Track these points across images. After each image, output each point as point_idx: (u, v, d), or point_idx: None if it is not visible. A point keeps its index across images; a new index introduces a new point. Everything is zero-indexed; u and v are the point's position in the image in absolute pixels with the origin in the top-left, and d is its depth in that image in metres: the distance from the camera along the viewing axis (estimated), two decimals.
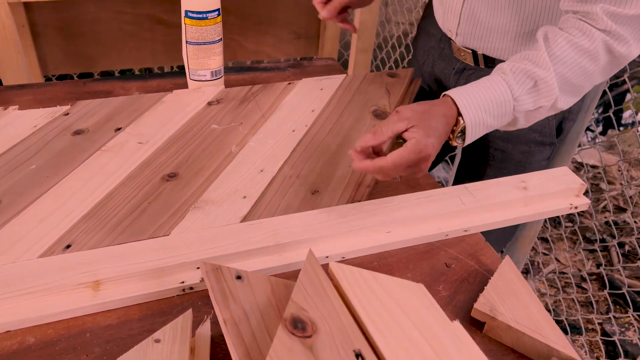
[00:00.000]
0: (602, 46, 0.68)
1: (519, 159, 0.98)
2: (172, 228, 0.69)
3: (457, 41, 0.94)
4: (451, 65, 1.00)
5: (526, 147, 0.97)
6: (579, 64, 0.69)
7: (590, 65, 0.70)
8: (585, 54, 0.69)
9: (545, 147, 0.97)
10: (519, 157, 0.98)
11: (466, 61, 0.96)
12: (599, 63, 0.70)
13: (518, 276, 0.64)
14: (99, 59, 1.49)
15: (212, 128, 0.90)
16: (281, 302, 0.53)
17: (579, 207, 0.79)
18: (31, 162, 0.79)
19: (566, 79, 0.70)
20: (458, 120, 0.69)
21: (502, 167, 1.00)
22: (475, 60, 0.94)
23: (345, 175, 0.81)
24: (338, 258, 0.67)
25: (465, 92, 0.70)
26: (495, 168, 1.00)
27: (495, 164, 1.00)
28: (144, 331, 0.57)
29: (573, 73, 0.70)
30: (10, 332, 0.56)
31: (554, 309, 1.70)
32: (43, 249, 0.64)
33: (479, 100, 0.69)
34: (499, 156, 0.99)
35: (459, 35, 0.93)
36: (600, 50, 0.69)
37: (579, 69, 0.70)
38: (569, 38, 0.69)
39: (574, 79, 0.70)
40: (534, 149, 0.97)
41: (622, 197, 2.08)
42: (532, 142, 0.96)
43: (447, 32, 0.96)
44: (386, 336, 0.48)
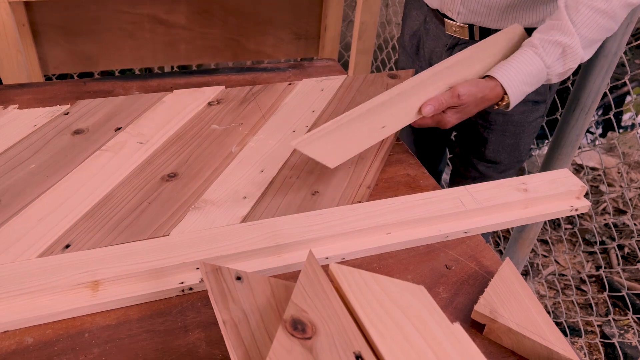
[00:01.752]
0: (618, 5, 0.78)
1: (517, 119, 1.06)
2: (171, 228, 0.69)
3: (458, 19, 0.98)
4: (442, 43, 1.05)
5: (525, 106, 1.04)
6: (599, 24, 0.80)
7: (609, 22, 0.80)
8: (604, 15, 0.79)
9: (540, 105, 1.06)
10: (517, 117, 1.06)
11: (461, 36, 1.00)
12: (616, 18, 0.80)
13: (518, 278, 0.63)
14: (99, 59, 1.49)
15: (212, 128, 0.90)
16: (281, 304, 0.53)
17: (579, 209, 0.79)
18: (31, 161, 0.79)
19: (588, 38, 0.81)
20: (503, 98, 0.84)
21: (504, 129, 1.08)
22: (471, 34, 0.99)
23: (346, 176, 0.80)
24: (338, 259, 0.67)
25: (508, 72, 0.82)
26: (497, 132, 1.09)
27: (497, 128, 1.08)
28: (143, 332, 0.57)
29: (594, 32, 0.80)
30: (9, 332, 0.56)
31: (553, 311, 1.70)
32: (42, 249, 0.64)
33: (520, 76, 0.82)
34: (500, 119, 1.07)
35: (460, 14, 0.97)
36: (617, 8, 0.79)
37: (599, 28, 0.80)
38: (587, 3, 0.79)
39: (595, 36, 0.81)
40: (531, 107, 1.05)
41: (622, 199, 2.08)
42: (530, 102, 1.04)
43: (447, 12, 0.99)
44: (386, 338, 0.48)
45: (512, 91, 0.83)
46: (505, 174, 1.17)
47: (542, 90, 1.03)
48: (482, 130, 1.10)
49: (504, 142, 1.10)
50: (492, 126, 1.09)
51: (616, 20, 0.80)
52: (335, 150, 0.73)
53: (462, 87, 0.81)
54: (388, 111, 0.77)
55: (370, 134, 0.77)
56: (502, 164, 1.14)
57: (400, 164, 0.87)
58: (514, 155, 1.13)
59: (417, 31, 1.10)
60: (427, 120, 0.83)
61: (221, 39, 1.56)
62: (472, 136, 1.13)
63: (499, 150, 1.11)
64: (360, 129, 0.75)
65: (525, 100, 1.02)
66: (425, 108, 0.80)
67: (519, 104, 1.02)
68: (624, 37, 1.09)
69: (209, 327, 0.58)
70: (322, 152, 0.70)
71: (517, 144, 1.10)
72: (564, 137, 1.24)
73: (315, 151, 0.69)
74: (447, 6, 0.98)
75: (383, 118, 0.77)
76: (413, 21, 1.11)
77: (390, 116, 0.78)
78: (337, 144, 0.72)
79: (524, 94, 0.84)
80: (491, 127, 1.09)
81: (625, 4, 0.79)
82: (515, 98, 0.84)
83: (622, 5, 0.79)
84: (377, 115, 0.76)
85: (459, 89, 0.80)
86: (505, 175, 1.17)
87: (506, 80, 0.82)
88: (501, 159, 1.13)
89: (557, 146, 1.26)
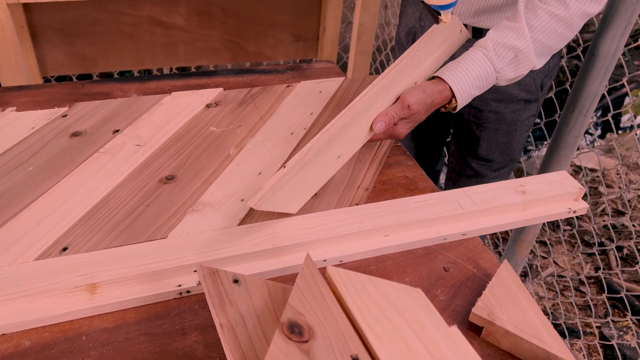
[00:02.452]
0: (577, 13, 0.78)
1: (510, 118, 1.07)
2: (169, 231, 0.69)
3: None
4: None
5: (517, 105, 1.05)
6: (556, 30, 0.80)
7: (566, 31, 0.80)
8: (562, 22, 0.79)
9: (532, 104, 1.07)
10: (510, 116, 1.07)
11: None
12: (573, 27, 0.80)
13: (516, 280, 0.63)
14: (97, 61, 1.49)
15: (210, 130, 0.90)
16: (278, 307, 0.53)
17: (577, 211, 0.79)
18: (29, 163, 0.79)
19: (543, 44, 0.81)
20: (451, 101, 0.83)
21: (497, 127, 1.09)
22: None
23: (343, 178, 0.80)
24: (336, 262, 0.67)
25: (456, 75, 0.81)
26: (490, 130, 1.10)
27: (490, 126, 1.09)
28: (140, 334, 0.57)
29: (550, 39, 0.80)
30: (6, 335, 0.56)
31: (552, 313, 1.70)
32: (40, 252, 0.64)
33: (468, 79, 0.81)
34: (493, 118, 1.08)
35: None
36: (575, 17, 0.79)
37: (556, 35, 0.80)
38: (546, 8, 0.79)
39: (550, 43, 0.81)
40: (523, 106, 1.06)
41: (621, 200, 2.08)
42: (522, 101, 1.05)
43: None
44: (383, 341, 0.48)
45: (460, 95, 0.82)
46: (499, 172, 1.18)
47: (533, 90, 1.03)
48: (475, 129, 1.11)
49: (496, 141, 1.11)
50: (485, 124, 1.09)
51: (572, 29, 0.80)
52: (295, 196, 0.70)
53: (411, 96, 0.79)
54: (341, 140, 0.74)
55: (326, 168, 0.75)
56: (496, 162, 1.15)
57: (399, 166, 0.87)
58: (506, 153, 1.14)
59: (413, 28, 1.11)
60: (380, 136, 0.80)
61: (220, 41, 1.56)
62: (466, 134, 1.14)
63: (491, 148, 1.12)
64: (316, 167, 0.72)
65: (517, 99, 1.04)
66: (376, 125, 0.77)
67: (511, 101, 1.05)
68: (622, 39, 1.09)
69: (206, 330, 0.58)
70: (282, 203, 0.68)
71: (509, 143, 1.11)
72: (562, 138, 1.24)
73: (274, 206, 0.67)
74: None
75: (337, 148, 0.74)
76: (408, 18, 1.12)
77: (344, 144, 0.75)
78: (295, 190, 0.70)
79: (472, 97, 0.84)
80: (484, 126, 1.09)
81: (583, 13, 0.79)
82: (463, 102, 0.83)
83: (580, 14, 0.79)
84: (330, 148, 0.73)
85: (408, 100, 0.78)
86: (500, 174, 1.18)
87: (455, 84, 0.81)
88: (494, 157, 1.14)
89: (556, 148, 1.26)
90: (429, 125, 1.26)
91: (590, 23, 2.04)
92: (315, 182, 0.74)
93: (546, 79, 1.05)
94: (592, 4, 0.78)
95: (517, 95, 1.04)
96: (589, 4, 0.78)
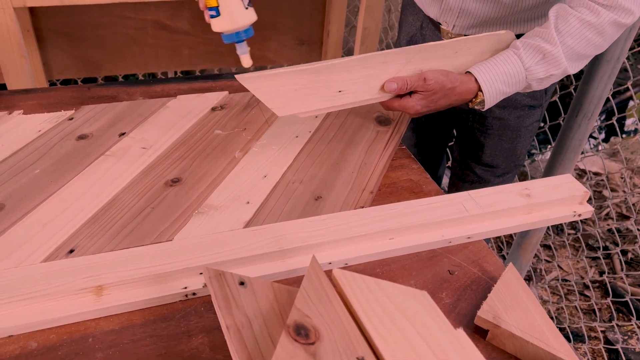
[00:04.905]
0: (607, 21, 0.78)
1: (514, 124, 1.07)
2: (175, 233, 0.69)
3: (454, 31, 0.99)
4: None
5: (521, 111, 1.05)
6: (586, 36, 0.80)
7: (596, 37, 0.80)
8: (592, 28, 0.79)
9: (536, 109, 1.06)
10: (514, 122, 1.07)
11: None
12: (604, 35, 0.80)
13: (521, 284, 0.63)
14: (103, 64, 1.49)
15: (215, 133, 0.90)
16: (284, 309, 0.53)
17: (582, 214, 0.79)
18: (35, 166, 0.79)
19: (574, 50, 0.81)
20: (478, 94, 0.83)
21: (501, 133, 1.09)
22: None
23: (349, 181, 0.81)
24: (341, 264, 0.67)
25: (485, 69, 0.82)
26: (494, 136, 1.10)
27: (494, 132, 1.09)
28: (146, 336, 0.57)
29: (580, 45, 0.81)
30: (13, 337, 0.56)
31: (557, 317, 1.70)
32: (46, 254, 0.64)
33: (496, 73, 0.81)
34: (497, 124, 1.08)
35: (456, 27, 0.98)
36: (606, 25, 0.79)
37: (586, 41, 0.80)
38: (577, 15, 0.79)
39: (581, 49, 0.81)
40: (527, 112, 1.06)
41: (625, 204, 2.08)
42: (526, 107, 1.04)
43: (442, 23, 1.00)
44: (389, 344, 0.48)
45: (487, 87, 0.82)
46: (503, 178, 1.17)
47: (537, 95, 1.03)
48: (479, 135, 1.11)
49: (500, 147, 1.11)
50: (489, 130, 1.09)
51: (604, 36, 0.80)
52: (285, 98, 0.68)
53: (431, 72, 0.80)
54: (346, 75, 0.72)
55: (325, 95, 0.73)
56: (500, 168, 1.15)
57: (403, 169, 0.87)
58: (511, 159, 1.13)
59: (414, 36, 1.11)
60: (393, 104, 0.81)
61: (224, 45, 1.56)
62: (470, 140, 1.14)
63: (496, 154, 1.12)
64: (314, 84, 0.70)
65: (521, 104, 1.04)
66: (389, 84, 0.77)
67: (515, 107, 1.04)
68: (626, 43, 1.10)
69: (212, 332, 0.58)
70: (271, 96, 0.65)
71: (513, 148, 1.11)
72: (566, 142, 1.24)
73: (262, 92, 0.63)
74: (443, 18, 0.98)
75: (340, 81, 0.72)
76: (409, 27, 1.12)
77: (349, 82, 0.73)
78: (288, 92, 0.67)
79: (500, 93, 0.83)
80: (488, 132, 1.09)
81: (614, 22, 0.79)
82: (491, 96, 0.83)
83: (611, 22, 0.79)
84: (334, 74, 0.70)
85: (427, 74, 0.79)
86: (504, 180, 1.18)
87: (481, 75, 0.82)
88: (498, 163, 1.14)
89: (560, 151, 1.26)
90: (432, 129, 1.26)
91: None
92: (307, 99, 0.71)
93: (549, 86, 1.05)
94: (624, 14, 0.78)
95: (522, 101, 1.03)
96: (620, 14, 0.78)
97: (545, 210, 0.78)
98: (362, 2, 1.48)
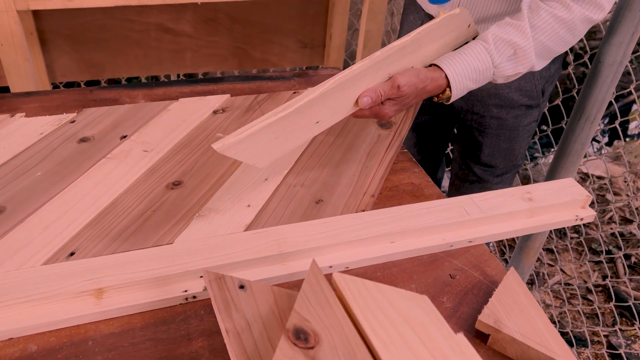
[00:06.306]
0: (579, 17, 0.79)
1: (512, 123, 1.07)
2: (175, 236, 0.69)
3: None
4: None
5: (518, 111, 1.05)
6: (557, 33, 0.80)
7: (567, 34, 0.80)
8: (563, 25, 0.79)
9: (533, 109, 1.07)
10: (511, 121, 1.07)
11: None
12: (575, 32, 0.81)
13: (523, 288, 0.63)
14: (105, 67, 1.50)
15: (217, 136, 0.90)
16: (284, 313, 0.53)
17: (584, 218, 0.78)
18: (37, 169, 0.80)
19: (544, 45, 0.81)
20: (445, 90, 0.82)
21: (499, 133, 1.09)
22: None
23: (349, 184, 0.80)
24: (341, 268, 0.67)
25: (454, 64, 0.80)
26: (492, 136, 1.10)
27: (492, 132, 1.09)
28: (146, 340, 0.57)
29: (551, 40, 0.81)
30: (13, 340, 0.56)
31: (559, 321, 1.69)
32: (47, 256, 0.64)
33: (465, 70, 0.80)
34: (495, 124, 1.08)
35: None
36: (577, 21, 0.79)
37: (557, 37, 0.80)
38: (549, 10, 0.79)
39: (551, 45, 0.81)
40: (524, 112, 1.06)
41: (628, 208, 2.07)
42: (523, 106, 1.05)
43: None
44: (389, 348, 0.48)
45: (455, 85, 0.81)
46: (502, 178, 1.18)
47: (535, 95, 1.03)
48: (477, 135, 1.11)
49: (498, 146, 1.11)
50: (487, 130, 1.09)
51: (574, 33, 0.80)
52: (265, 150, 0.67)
53: (403, 77, 0.78)
54: (323, 105, 0.71)
55: (303, 130, 0.72)
56: (498, 167, 1.15)
57: (405, 173, 0.87)
58: (509, 159, 1.14)
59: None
60: (365, 112, 0.80)
61: (227, 48, 1.57)
62: (468, 140, 1.14)
63: (494, 154, 1.12)
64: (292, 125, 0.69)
65: (518, 104, 1.04)
66: (362, 99, 0.76)
67: (512, 107, 1.05)
68: (629, 46, 1.09)
69: (212, 335, 0.58)
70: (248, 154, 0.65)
71: (511, 148, 1.11)
72: (569, 145, 1.24)
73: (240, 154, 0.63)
74: None
75: (317, 113, 0.72)
76: (410, 25, 1.12)
77: (326, 110, 0.73)
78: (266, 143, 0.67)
79: (467, 89, 0.83)
80: (486, 132, 1.10)
81: (585, 18, 0.79)
82: (457, 92, 0.82)
83: (583, 18, 0.79)
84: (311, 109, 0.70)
85: (399, 80, 0.77)
86: (502, 179, 1.18)
87: (451, 73, 0.80)
88: (496, 163, 1.14)
89: (563, 155, 1.26)
90: (432, 129, 1.26)
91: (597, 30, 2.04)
92: (286, 141, 0.71)
93: (547, 85, 1.05)
94: (595, 10, 0.79)
95: (519, 101, 1.04)
96: (591, 10, 0.79)
97: (547, 214, 0.78)
98: (364, 5, 1.48)
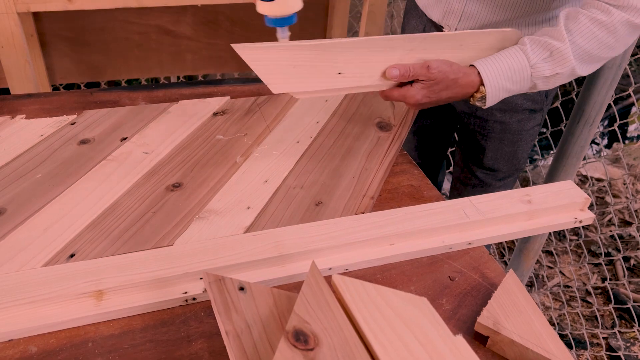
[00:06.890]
0: (619, 20, 0.76)
1: (515, 127, 1.07)
2: (175, 238, 0.69)
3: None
4: None
5: (522, 115, 1.05)
6: (596, 36, 0.77)
7: (608, 37, 0.78)
8: (602, 27, 0.77)
9: (537, 113, 1.06)
10: (515, 125, 1.06)
11: None
12: (616, 35, 0.78)
13: (522, 290, 0.63)
14: (106, 69, 1.50)
15: (217, 138, 0.90)
16: (283, 314, 0.53)
17: (583, 221, 0.78)
18: (37, 170, 0.80)
19: (584, 49, 0.78)
20: (479, 89, 0.80)
21: (502, 137, 1.09)
22: None
23: (349, 186, 0.81)
24: (341, 270, 0.67)
25: (488, 63, 0.80)
26: (495, 140, 1.09)
27: (495, 136, 1.09)
28: (146, 341, 0.57)
29: (590, 44, 0.78)
30: (13, 341, 0.56)
31: (559, 323, 1.69)
32: (47, 258, 0.64)
33: (500, 68, 0.79)
34: (498, 127, 1.07)
35: (458, 30, 0.98)
36: (618, 24, 0.76)
37: (596, 40, 0.78)
38: (587, 14, 0.78)
39: (591, 49, 0.79)
40: (528, 116, 1.05)
41: (628, 210, 2.07)
42: (527, 110, 1.04)
43: (445, 27, 1.00)
44: (389, 350, 0.48)
45: (489, 82, 0.79)
46: (504, 182, 1.18)
47: (538, 99, 1.03)
48: (480, 138, 1.11)
49: (502, 150, 1.11)
50: (490, 134, 1.09)
51: (616, 36, 0.78)
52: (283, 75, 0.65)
53: (435, 61, 0.78)
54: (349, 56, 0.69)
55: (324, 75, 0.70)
56: (501, 171, 1.15)
57: (404, 175, 0.87)
58: (512, 163, 1.13)
59: None
60: (393, 93, 0.79)
61: (227, 50, 1.57)
62: (471, 144, 1.14)
63: (497, 158, 1.12)
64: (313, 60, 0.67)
65: (522, 108, 1.04)
66: (391, 70, 0.75)
67: (516, 111, 1.04)
68: (628, 49, 1.10)
69: (212, 337, 0.58)
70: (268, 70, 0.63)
71: (514, 152, 1.11)
72: (568, 148, 1.24)
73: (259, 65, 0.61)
74: (446, 21, 0.99)
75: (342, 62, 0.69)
76: (412, 30, 1.12)
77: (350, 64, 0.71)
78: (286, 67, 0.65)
79: (503, 89, 0.81)
80: (489, 136, 1.09)
81: (627, 22, 0.77)
82: (493, 91, 0.80)
83: (623, 22, 0.77)
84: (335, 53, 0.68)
85: (431, 62, 0.77)
86: (505, 183, 1.18)
87: (484, 69, 0.79)
88: (499, 167, 1.14)
89: (562, 157, 1.26)
90: (433, 133, 1.26)
91: None
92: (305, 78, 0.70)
93: (550, 90, 1.04)
94: (637, 14, 0.76)
95: (522, 105, 1.04)
96: (633, 14, 0.76)
97: (546, 217, 0.78)
98: (364, 8, 1.49)
